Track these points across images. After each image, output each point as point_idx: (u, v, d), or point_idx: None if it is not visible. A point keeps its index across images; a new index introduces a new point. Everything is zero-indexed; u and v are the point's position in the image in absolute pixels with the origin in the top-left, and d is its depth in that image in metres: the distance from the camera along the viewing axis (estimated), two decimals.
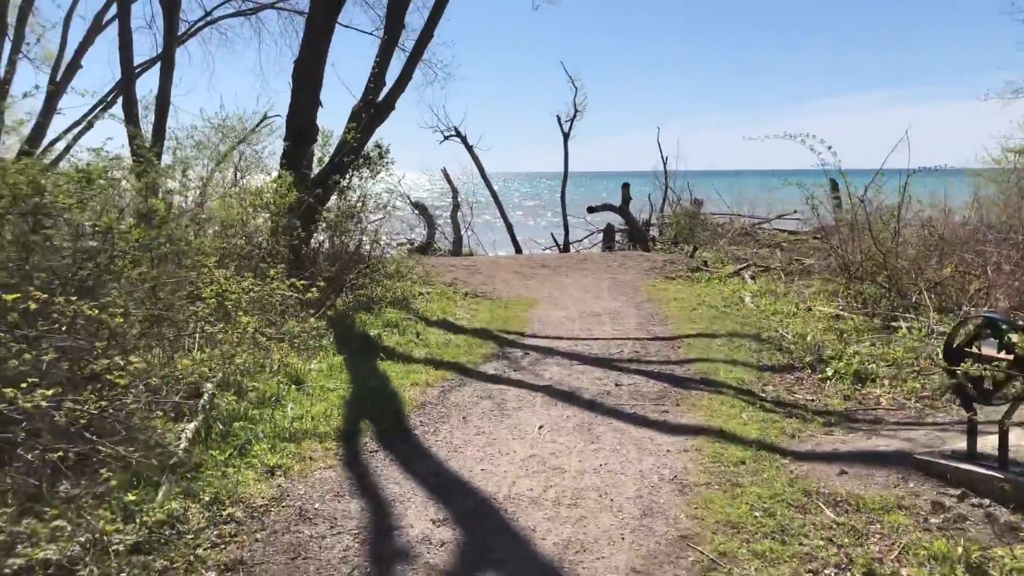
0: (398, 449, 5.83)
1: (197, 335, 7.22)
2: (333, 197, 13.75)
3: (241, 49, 64.46)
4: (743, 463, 5.34)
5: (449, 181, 23.58)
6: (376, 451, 5.78)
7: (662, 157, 24.15)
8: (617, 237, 22.96)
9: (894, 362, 7.70)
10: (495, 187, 25.12)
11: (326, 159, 14.06)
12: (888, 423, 6.27)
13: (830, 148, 10.27)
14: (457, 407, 6.87)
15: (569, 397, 7.13)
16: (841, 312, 10.09)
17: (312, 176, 13.60)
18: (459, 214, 23.88)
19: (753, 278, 14.11)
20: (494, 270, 15.78)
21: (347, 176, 13.87)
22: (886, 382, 7.33)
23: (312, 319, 10.00)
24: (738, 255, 16.86)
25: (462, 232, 23.70)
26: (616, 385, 7.50)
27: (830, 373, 7.62)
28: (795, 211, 22.64)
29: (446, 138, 24.65)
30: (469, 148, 24.45)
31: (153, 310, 6.67)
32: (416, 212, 23.66)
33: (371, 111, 13.73)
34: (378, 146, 14.27)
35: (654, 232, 22.72)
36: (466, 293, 13.35)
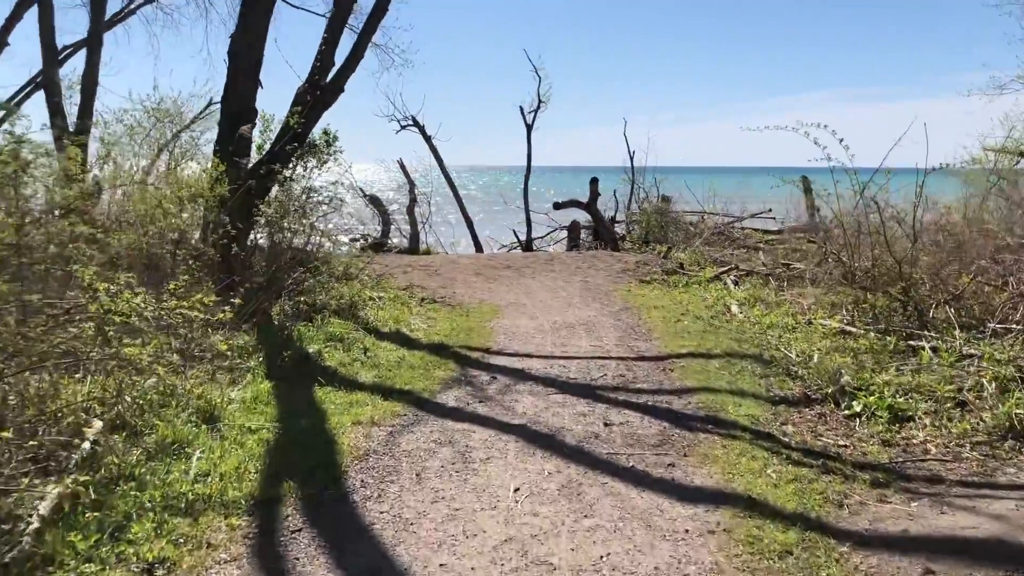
0: (329, 526, 4.36)
1: (87, 362, 5.67)
2: (274, 189, 12.23)
3: (188, 30, 61.71)
4: (789, 553, 3.98)
5: (405, 173, 22.02)
6: (300, 530, 4.31)
7: (628, 151, 22.82)
8: (582, 235, 21.64)
9: (931, 395, 6.42)
10: (455, 180, 23.61)
11: (267, 147, 12.53)
12: (951, 482, 4.96)
13: (842, 141, 8.98)
14: (409, 457, 5.41)
15: (549, 442, 5.71)
16: (848, 327, 8.83)
17: (250, 166, 12.05)
18: (416, 209, 22.36)
19: (736, 283, 12.85)
20: (454, 271, 14.32)
21: (290, 166, 12.34)
22: (926, 421, 6.05)
23: (242, 333, 8.48)
24: (716, 257, 15.60)
25: (419, 228, 22.19)
26: (605, 424, 6.10)
27: (858, 409, 6.31)
28: (770, 209, 21.63)
29: (403, 127, 23.07)
30: (427, 138, 22.91)
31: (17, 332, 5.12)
32: (370, 206, 22.12)
33: (317, 93, 12.19)
34: (325, 132, 12.71)
35: (620, 229, 21.43)
36: (423, 298, 11.88)
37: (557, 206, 19.75)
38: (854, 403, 6.42)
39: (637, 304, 11.57)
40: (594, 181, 19.94)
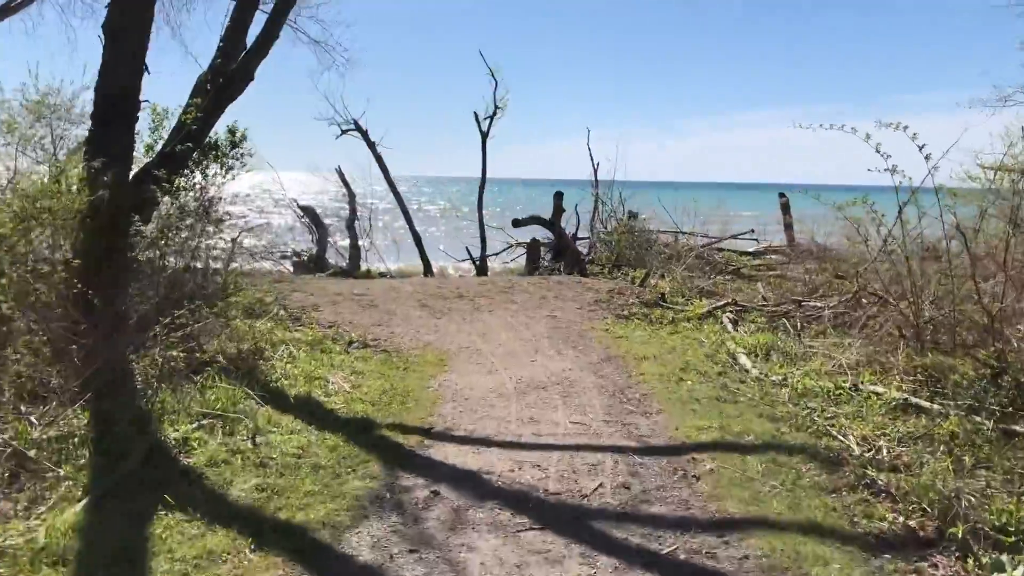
0: None
1: None
2: (164, 202, 9.59)
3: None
4: None
5: (345, 183, 19.36)
6: None
7: (592, 163, 20.49)
8: (543, 254, 19.20)
9: None
10: (404, 193, 21.00)
11: (160, 147, 9.88)
12: None
13: (922, 148, 6.63)
14: None
15: None
16: (916, 400, 6.48)
17: (134, 172, 9.41)
18: (357, 223, 19.73)
19: (736, 323, 10.48)
20: (394, 302, 11.73)
21: (185, 171, 9.69)
22: None
23: (75, 411, 5.80)
24: (702, 286, 13.25)
25: (360, 246, 19.54)
26: None
27: (1017, 574, 3.90)
28: (751, 230, 19.41)
29: (344, 132, 20.37)
30: (371, 145, 20.26)
31: None
32: (304, 219, 19.41)
33: (220, 82, 9.58)
34: (231, 131, 10.08)
35: (582, 247, 19.03)
36: (352, 342, 9.27)
37: (517, 223, 17.25)
38: (1002, 558, 4.02)
39: (621, 351, 9.11)
40: (558, 195, 17.51)
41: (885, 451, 5.63)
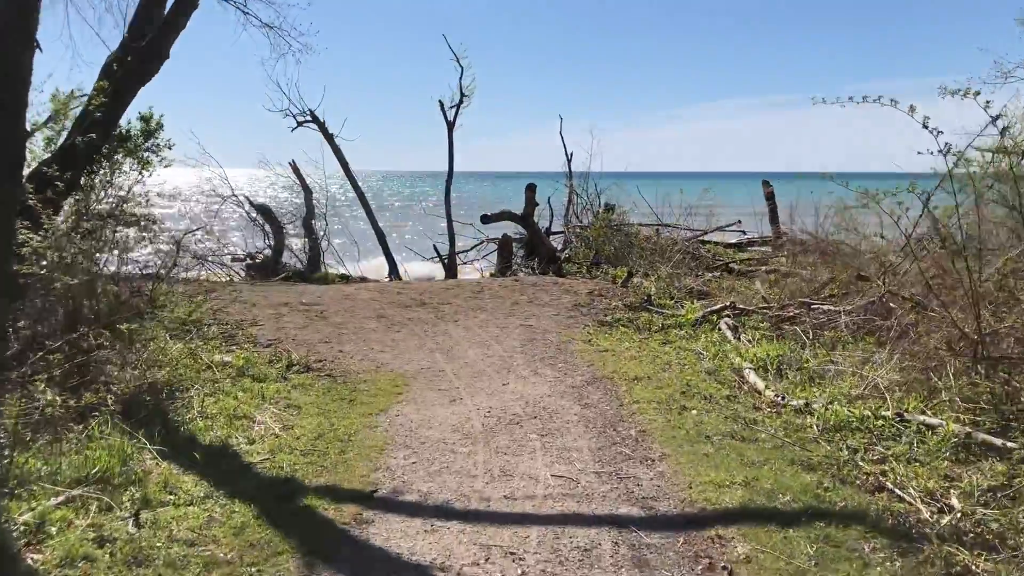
0: None
1: None
2: (67, 204, 8.17)
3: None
4: None
5: (300, 177, 17.75)
6: None
7: (566, 153, 19.07)
8: (515, 251, 17.77)
9: None
10: (365, 190, 19.44)
11: (62, 141, 8.44)
12: None
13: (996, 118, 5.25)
14: None
15: None
16: (982, 434, 5.14)
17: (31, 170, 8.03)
18: (315, 221, 18.15)
19: (736, 330, 9.12)
20: (348, 312, 10.24)
21: (92, 168, 8.20)
22: None
23: None
24: (691, 286, 11.89)
25: (319, 243, 17.97)
26: None
27: None
28: (739, 221, 18.10)
29: (299, 124, 18.71)
30: (329, 137, 18.64)
31: None
32: (257, 219, 17.79)
33: (129, 59, 8.09)
34: (144, 118, 8.55)
35: (555, 243, 17.64)
36: (291, 364, 7.78)
37: (486, 219, 15.77)
38: None
39: (608, 369, 7.71)
40: (530, 188, 16.05)
41: (961, 513, 4.28)
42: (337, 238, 18.78)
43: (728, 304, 9.73)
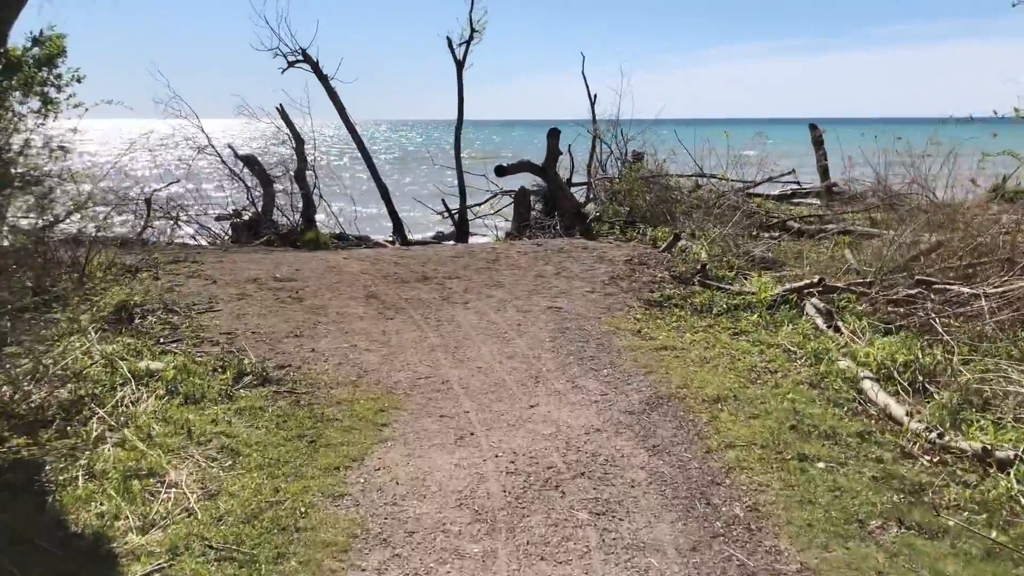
0: None
1: None
2: None
3: None
4: None
5: (289, 123, 15.38)
6: None
7: (589, 95, 16.66)
8: (533, 204, 15.50)
9: None
10: (365, 137, 17.12)
11: None
12: None
13: None
14: None
15: None
16: None
17: None
18: (308, 174, 15.89)
19: (830, 316, 6.91)
20: (330, 290, 8.08)
21: None
22: None
23: None
24: (753, 251, 9.63)
25: (314, 200, 15.73)
26: None
27: None
28: (792, 171, 15.70)
29: (290, 64, 16.32)
30: (323, 79, 16.24)
31: None
32: (241, 172, 15.50)
33: None
34: (38, 41, 6.32)
35: (577, 195, 15.35)
36: (241, 372, 5.66)
37: (502, 171, 13.43)
38: None
39: (674, 381, 5.54)
40: (553, 134, 13.66)
41: None
42: (337, 202, 16.52)
43: (815, 280, 7.47)
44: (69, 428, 4.65)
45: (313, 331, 6.75)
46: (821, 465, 4.18)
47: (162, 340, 6.36)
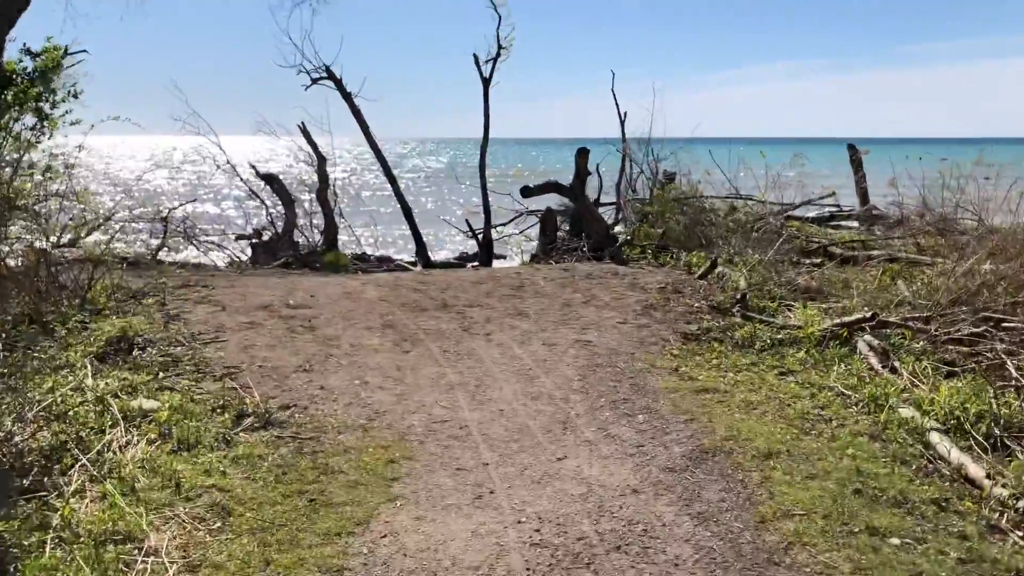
0: None
1: None
2: None
3: None
4: None
5: (311, 141, 15.02)
6: None
7: (619, 113, 16.17)
8: (559, 225, 14.98)
9: None
10: (387, 156, 16.73)
11: None
12: None
13: None
14: None
15: None
16: None
17: None
18: (330, 193, 15.52)
19: (886, 356, 6.31)
20: (344, 319, 7.59)
21: None
22: None
23: None
24: (795, 279, 9.04)
25: (336, 220, 15.33)
26: None
27: None
28: (832, 193, 15.08)
29: (314, 81, 16.02)
30: (347, 96, 15.90)
31: None
32: (260, 191, 15.13)
33: None
34: (31, 53, 5.93)
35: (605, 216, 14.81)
36: (242, 413, 5.17)
37: (528, 192, 12.93)
38: None
39: (719, 431, 4.96)
40: (582, 153, 13.17)
41: None
42: (359, 220, 16.14)
43: (868, 315, 6.86)
44: (47, 479, 4.19)
45: (324, 365, 6.26)
46: (895, 541, 3.60)
47: (161, 374, 5.91)
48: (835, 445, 4.70)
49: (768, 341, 7.02)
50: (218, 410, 5.23)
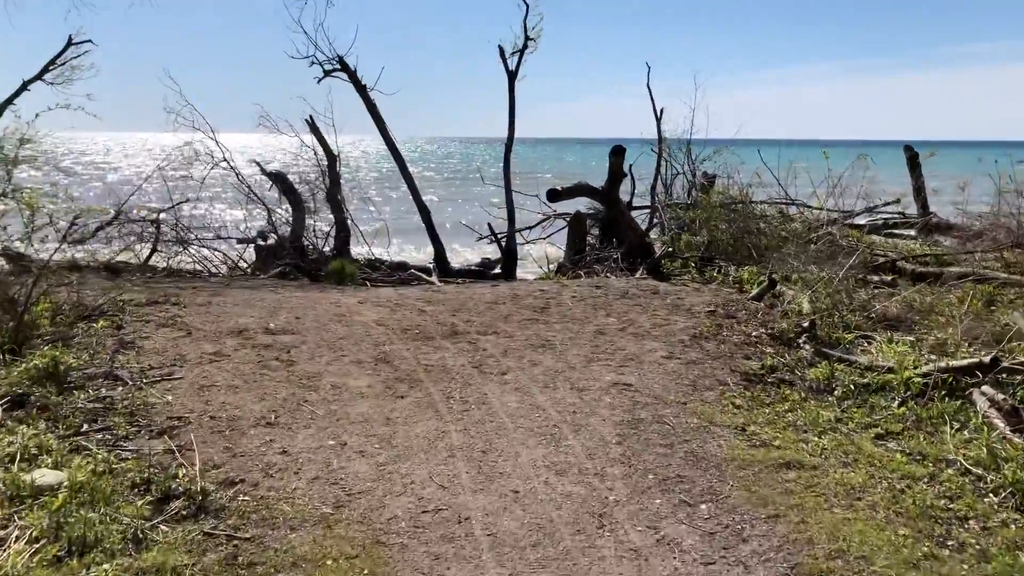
0: None
1: None
2: None
3: None
4: None
5: (320, 138, 13.69)
6: None
7: (654, 109, 14.72)
8: (588, 230, 13.55)
9: None
10: (404, 152, 15.38)
11: None
12: None
13: None
14: None
15: None
16: None
17: None
18: (341, 195, 14.21)
19: (1013, 413, 4.83)
20: (331, 349, 6.21)
21: None
22: None
23: None
24: (872, 302, 7.55)
25: (347, 221, 14.00)
26: None
27: None
28: (897, 200, 13.50)
29: (327, 73, 14.71)
30: (361, 89, 14.57)
31: None
32: (272, 188, 13.84)
33: None
34: None
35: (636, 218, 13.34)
36: (179, 489, 3.82)
37: (555, 196, 11.45)
38: None
39: (809, 534, 3.52)
40: (617, 152, 11.68)
41: None
42: (368, 213, 14.82)
43: (987, 359, 5.36)
44: None
45: (293, 416, 4.89)
46: None
47: (85, 427, 4.59)
48: (991, 572, 3.25)
49: (850, 386, 5.58)
50: (139, 487, 3.89)
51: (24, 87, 13.64)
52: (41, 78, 13.73)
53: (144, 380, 5.35)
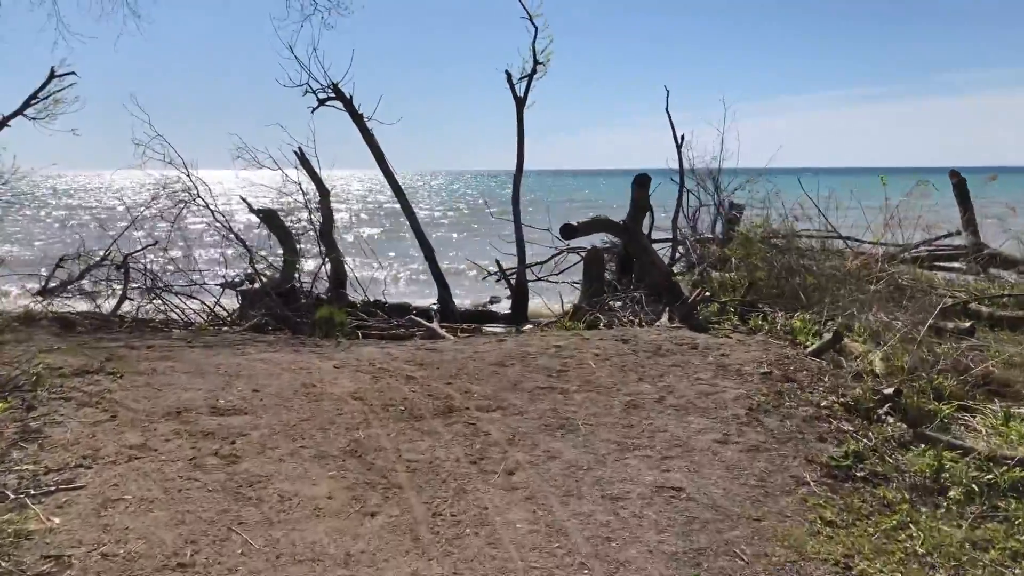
0: None
1: None
2: None
3: None
4: None
5: (311, 171, 12.37)
6: None
7: (674, 135, 13.36)
8: (606, 267, 12.17)
9: None
10: (403, 185, 14.09)
11: None
12: None
13: None
14: None
15: None
16: None
17: None
18: (336, 231, 12.92)
19: None
20: (288, 437, 4.80)
21: None
22: None
23: None
24: (959, 359, 6.11)
25: (343, 261, 12.66)
26: None
27: None
28: (956, 232, 12.01)
29: (321, 102, 13.48)
30: (358, 119, 13.33)
31: None
32: (260, 227, 12.50)
33: None
34: None
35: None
36: None
37: (570, 232, 9.97)
38: None
39: None
40: (641, 182, 10.24)
41: None
42: (363, 253, 13.55)
43: None
44: None
45: (218, 552, 3.48)
46: None
47: None
48: None
49: (968, 484, 4.14)
50: None
51: (4, 122, 12.56)
52: (23, 112, 12.62)
53: (33, 491, 3.97)
